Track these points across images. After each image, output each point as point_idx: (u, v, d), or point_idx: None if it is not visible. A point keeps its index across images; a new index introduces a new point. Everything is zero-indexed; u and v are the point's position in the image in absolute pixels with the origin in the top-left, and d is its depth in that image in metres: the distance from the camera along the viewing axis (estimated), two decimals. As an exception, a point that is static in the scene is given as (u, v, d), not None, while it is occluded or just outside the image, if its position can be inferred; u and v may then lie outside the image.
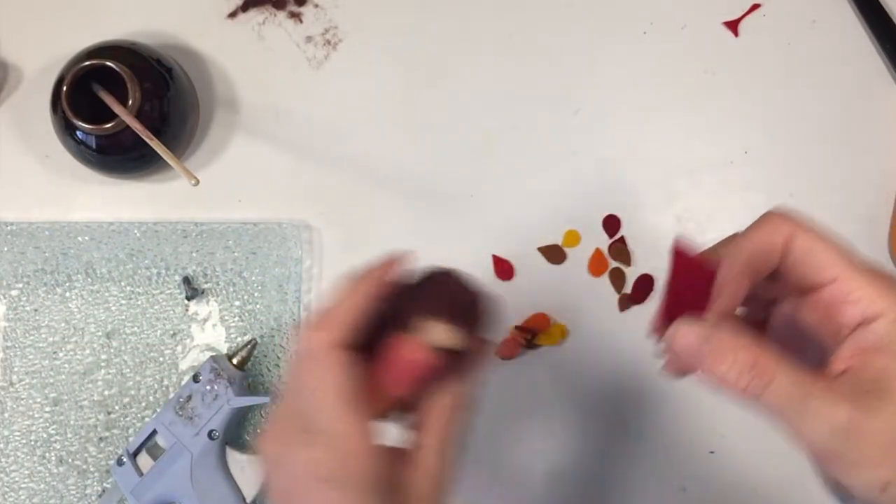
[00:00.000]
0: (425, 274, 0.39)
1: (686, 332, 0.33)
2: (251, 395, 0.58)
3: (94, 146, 0.59)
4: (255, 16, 0.66)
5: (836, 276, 0.33)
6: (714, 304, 0.35)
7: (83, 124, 0.57)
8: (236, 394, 0.57)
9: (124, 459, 0.57)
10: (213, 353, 0.61)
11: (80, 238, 0.62)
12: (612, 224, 0.63)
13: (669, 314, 0.35)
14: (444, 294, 0.38)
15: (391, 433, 0.38)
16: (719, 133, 0.64)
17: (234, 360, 0.58)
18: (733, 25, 0.65)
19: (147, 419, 0.61)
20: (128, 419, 0.61)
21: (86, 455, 0.61)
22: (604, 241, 0.62)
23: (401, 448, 0.37)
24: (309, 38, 0.66)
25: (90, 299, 0.62)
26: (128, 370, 0.62)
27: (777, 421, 0.32)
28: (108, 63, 0.57)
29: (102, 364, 0.62)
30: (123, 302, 0.62)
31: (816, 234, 0.34)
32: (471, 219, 0.63)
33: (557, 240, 0.63)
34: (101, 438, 0.61)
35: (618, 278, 0.62)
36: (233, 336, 0.62)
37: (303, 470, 0.34)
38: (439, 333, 0.36)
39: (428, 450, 0.37)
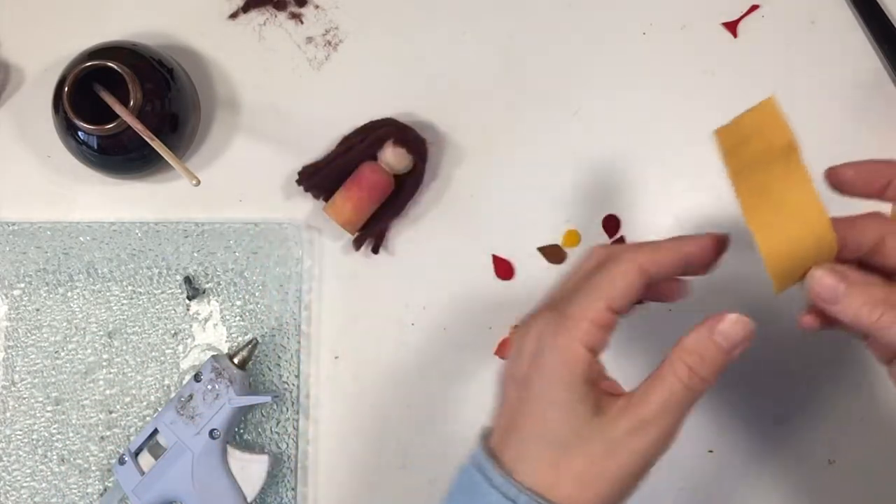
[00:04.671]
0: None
1: (823, 276, 0.37)
2: (252, 394, 0.58)
3: (95, 146, 0.59)
4: (255, 16, 0.67)
5: None
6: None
7: (85, 125, 0.57)
8: (237, 393, 0.57)
9: (126, 458, 0.58)
10: (215, 353, 0.61)
11: (81, 238, 0.63)
12: (611, 224, 0.63)
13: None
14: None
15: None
16: (718, 133, 0.64)
17: (236, 360, 0.58)
18: (732, 26, 0.65)
19: (148, 418, 0.61)
20: (129, 418, 0.61)
21: (87, 454, 0.61)
22: (604, 241, 0.63)
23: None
24: (309, 39, 0.66)
25: (92, 299, 0.63)
26: (129, 369, 0.62)
27: None
28: (110, 64, 0.57)
29: (104, 363, 0.62)
30: (125, 302, 0.63)
31: None
32: (471, 219, 0.63)
33: (557, 240, 0.63)
34: (102, 437, 0.61)
35: (617, 278, 0.62)
36: (234, 336, 0.62)
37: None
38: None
39: (669, 380, 0.38)
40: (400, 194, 0.62)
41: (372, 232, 0.62)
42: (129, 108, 0.58)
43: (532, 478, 0.37)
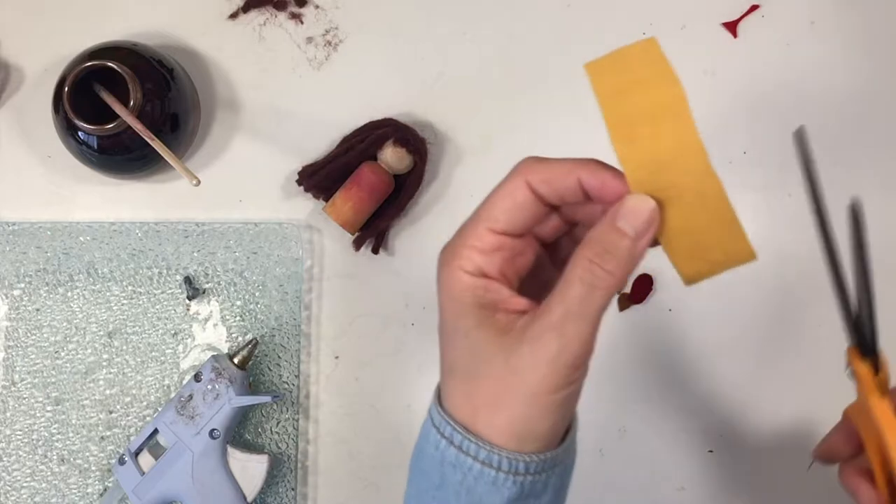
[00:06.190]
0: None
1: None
2: (252, 394, 0.58)
3: (95, 146, 0.59)
4: (255, 17, 0.67)
5: None
6: None
7: (85, 125, 0.57)
8: (237, 393, 0.57)
9: (126, 458, 0.58)
10: (215, 353, 0.61)
11: (81, 238, 0.63)
12: (611, 224, 0.62)
13: None
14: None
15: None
16: (718, 133, 0.64)
17: (236, 360, 0.58)
18: (732, 26, 0.65)
19: (148, 418, 0.61)
20: (129, 418, 0.61)
21: (87, 454, 0.61)
22: (603, 241, 0.63)
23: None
24: (309, 39, 0.66)
25: (92, 299, 0.63)
26: (129, 369, 0.62)
27: None
28: (110, 64, 0.57)
29: (104, 363, 0.62)
30: (125, 302, 0.63)
31: None
32: (471, 219, 0.63)
33: (557, 240, 0.63)
34: (102, 437, 0.61)
35: (617, 278, 0.62)
36: (234, 336, 0.62)
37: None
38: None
39: (570, 281, 0.34)
40: (400, 194, 0.62)
41: (372, 232, 0.62)
42: (129, 108, 0.58)
43: (456, 413, 0.35)
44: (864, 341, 0.37)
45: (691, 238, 0.34)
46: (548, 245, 0.38)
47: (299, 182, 0.62)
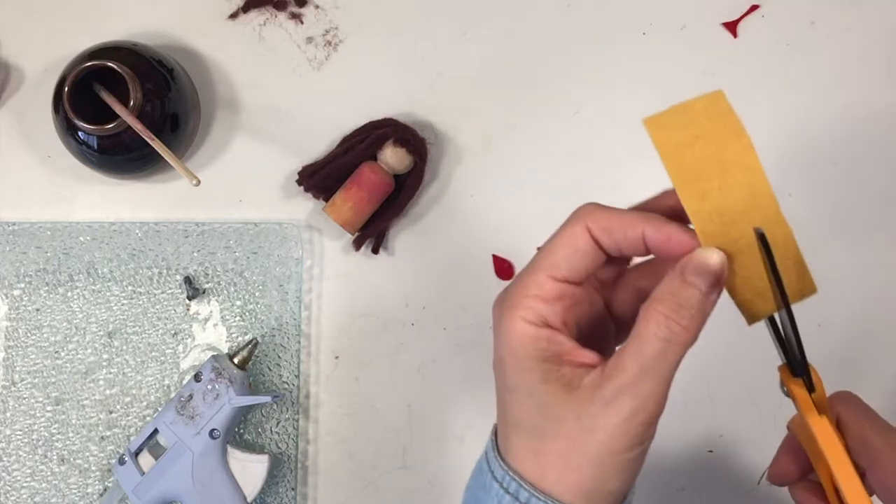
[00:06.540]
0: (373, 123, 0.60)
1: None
2: (252, 394, 0.58)
3: (95, 146, 0.59)
4: (255, 17, 0.67)
5: None
6: None
7: (85, 125, 0.57)
8: (237, 393, 0.57)
9: (126, 458, 0.58)
10: (215, 353, 0.61)
11: (81, 238, 0.63)
12: (611, 224, 0.62)
13: None
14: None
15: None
16: (718, 133, 0.64)
17: (236, 360, 0.58)
18: (732, 26, 0.65)
19: (148, 418, 0.61)
20: (129, 418, 0.61)
21: (87, 454, 0.61)
22: (603, 241, 0.63)
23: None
24: (309, 39, 0.66)
25: (92, 299, 0.63)
26: (129, 369, 0.62)
27: None
28: (110, 64, 0.57)
29: (104, 363, 0.62)
30: (125, 302, 0.63)
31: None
32: (471, 219, 0.63)
33: (557, 240, 0.63)
34: (102, 437, 0.61)
35: (617, 278, 0.62)
36: (234, 336, 0.62)
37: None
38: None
39: (644, 337, 0.33)
40: (400, 194, 0.62)
41: (372, 232, 0.62)
42: (129, 108, 0.58)
43: (521, 468, 0.34)
44: (793, 361, 0.36)
45: (759, 283, 0.34)
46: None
47: (299, 182, 0.62)
